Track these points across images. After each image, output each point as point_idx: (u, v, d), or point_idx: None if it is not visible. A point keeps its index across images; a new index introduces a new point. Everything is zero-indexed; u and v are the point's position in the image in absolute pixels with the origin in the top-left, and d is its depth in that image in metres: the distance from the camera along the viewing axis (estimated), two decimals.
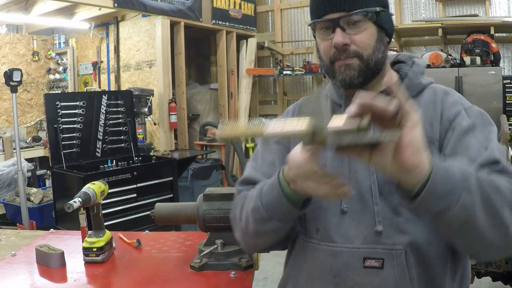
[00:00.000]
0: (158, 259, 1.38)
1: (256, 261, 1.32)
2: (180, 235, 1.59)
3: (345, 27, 0.97)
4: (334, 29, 0.97)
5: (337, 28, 0.96)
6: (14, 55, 6.08)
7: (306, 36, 6.52)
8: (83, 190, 1.31)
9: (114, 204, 3.44)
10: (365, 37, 0.97)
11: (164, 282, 1.21)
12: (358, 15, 0.95)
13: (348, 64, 0.98)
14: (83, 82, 6.22)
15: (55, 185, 3.74)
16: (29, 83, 6.22)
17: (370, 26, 0.97)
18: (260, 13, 6.76)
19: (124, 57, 5.55)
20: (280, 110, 6.73)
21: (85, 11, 5.39)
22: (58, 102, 3.67)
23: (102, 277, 1.26)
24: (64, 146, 3.64)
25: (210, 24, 5.70)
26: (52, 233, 1.65)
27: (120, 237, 1.53)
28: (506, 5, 5.25)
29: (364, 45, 0.97)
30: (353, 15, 0.95)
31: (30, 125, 6.17)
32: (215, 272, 1.24)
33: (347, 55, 0.97)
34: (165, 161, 4.10)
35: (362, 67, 0.98)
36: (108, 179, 3.34)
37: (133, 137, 4.12)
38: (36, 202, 4.16)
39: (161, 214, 1.38)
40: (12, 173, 4.50)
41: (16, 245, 1.51)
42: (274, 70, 6.31)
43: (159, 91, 5.00)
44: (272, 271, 3.46)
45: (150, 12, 4.87)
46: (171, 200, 3.85)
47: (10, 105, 5.30)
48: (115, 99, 4.04)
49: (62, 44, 6.46)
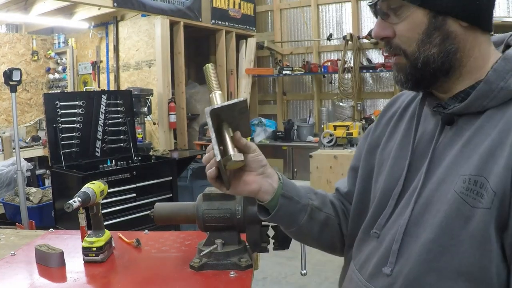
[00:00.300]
0: (157, 258, 1.38)
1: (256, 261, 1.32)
2: (180, 235, 1.59)
3: (389, 14, 0.78)
4: (376, 16, 0.81)
5: (378, 16, 0.80)
6: (14, 55, 6.08)
7: (305, 36, 6.53)
8: (82, 190, 1.31)
9: (114, 203, 3.44)
10: (405, 28, 0.77)
11: (164, 282, 1.21)
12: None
13: (396, 63, 0.81)
14: (83, 81, 6.22)
15: (54, 184, 3.74)
16: (28, 83, 6.22)
17: (415, 12, 0.76)
18: (260, 13, 6.76)
19: (124, 57, 5.55)
20: (279, 110, 6.74)
21: (85, 10, 5.39)
22: (58, 101, 3.66)
23: (102, 276, 1.26)
24: (64, 145, 3.64)
25: (210, 24, 5.70)
26: (52, 232, 1.65)
27: (119, 237, 1.53)
28: (506, 5, 5.26)
29: (405, 39, 0.78)
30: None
31: (29, 124, 6.17)
32: (214, 272, 1.24)
33: (392, 52, 0.81)
34: (165, 161, 4.10)
35: (409, 69, 0.79)
36: (108, 179, 3.34)
37: (133, 137, 4.12)
38: (35, 202, 4.15)
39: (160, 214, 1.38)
40: (11, 173, 4.49)
41: (16, 245, 1.51)
42: (273, 70, 6.32)
43: (158, 91, 5.00)
44: (272, 271, 3.46)
45: (149, 11, 4.87)
46: (171, 199, 3.85)
47: (9, 105, 5.30)
48: (115, 99, 4.04)
49: (61, 43, 6.46)
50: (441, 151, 0.80)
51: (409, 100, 0.96)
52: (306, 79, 6.60)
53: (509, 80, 0.73)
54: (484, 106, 0.75)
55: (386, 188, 0.88)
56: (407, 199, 0.82)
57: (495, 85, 0.74)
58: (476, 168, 0.72)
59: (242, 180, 0.89)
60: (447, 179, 0.75)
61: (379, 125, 1.01)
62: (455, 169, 0.75)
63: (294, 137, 6.21)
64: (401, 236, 0.79)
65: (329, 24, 6.38)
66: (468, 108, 0.77)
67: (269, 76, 6.61)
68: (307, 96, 6.63)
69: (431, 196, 0.77)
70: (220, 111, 0.84)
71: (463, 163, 0.74)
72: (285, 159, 6.21)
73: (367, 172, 0.98)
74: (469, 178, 0.72)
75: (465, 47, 0.77)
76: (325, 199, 1.03)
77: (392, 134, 0.95)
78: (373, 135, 1.01)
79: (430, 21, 0.75)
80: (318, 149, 4.88)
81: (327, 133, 4.97)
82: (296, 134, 6.23)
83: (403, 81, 0.81)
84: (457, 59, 0.77)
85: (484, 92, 0.74)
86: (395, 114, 0.97)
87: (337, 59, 6.08)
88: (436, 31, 0.75)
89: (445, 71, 0.77)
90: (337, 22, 6.29)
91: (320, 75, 6.24)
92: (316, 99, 6.41)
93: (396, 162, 0.88)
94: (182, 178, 4.41)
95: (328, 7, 6.36)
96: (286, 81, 6.73)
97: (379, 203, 0.89)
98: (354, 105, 6.05)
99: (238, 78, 6.24)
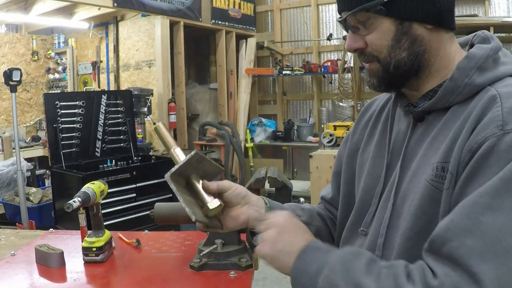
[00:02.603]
0: (157, 259, 1.38)
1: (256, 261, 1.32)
2: (180, 235, 1.59)
3: (358, 27, 0.83)
4: (347, 30, 0.86)
5: (349, 30, 0.85)
6: (14, 55, 6.08)
7: (305, 36, 6.53)
8: (82, 190, 1.31)
9: (114, 203, 3.44)
10: (376, 36, 0.82)
11: (164, 282, 1.21)
12: (360, 13, 0.80)
13: (369, 69, 0.87)
14: (83, 81, 6.22)
15: (54, 184, 3.74)
16: (28, 83, 6.22)
17: (382, 21, 0.80)
18: (260, 13, 6.76)
19: (124, 57, 5.55)
20: (279, 110, 6.74)
21: (85, 10, 5.39)
22: (58, 101, 3.67)
23: (102, 276, 1.26)
24: (64, 145, 3.64)
25: (210, 24, 5.70)
26: (52, 232, 1.65)
27: (119, 237, 1.53)
28: (506, 5, 5.26)
29: (376, 47, 0.83)
30: (356, 13, 0.81)
31: (29, 124, 6.17)
32: (214, 272, 1.24)
33: (365, 59, 0.87)
34: (165, 161, 4.09)
35: (381, 73, 0.85)
36: (108, 179, 3.34)
37: (133, 137, 4.12)
38: (35, 202, 4.15)
39: (160, 214, 1.38)
40: (11, 173, 4.49)
41: (16, 245, 1.51)
42: (273, 70, 6.32)
43: (158, 91, 5.00)
44: (272, 271, 3.45)
45: (149, 11, 4.87)
46: (171, 200, 3.85)
47: (9, 105, 5.30)
48: (115, 99, 4.04)
49: (61, 43, 6.46)
50: (413, 147, 0.86)
51: (383, 103, 1.03)
52: (306, 79, 6.60)
53: (472, 77, 0.79)
54: (450, 102, 0.81)
55: (367, 187, 0.94)
56: (387, 195, 0.87)
57: (460, 81, 0.79)
58: (442, 155, 0.77)
59: (230, 216, 0.98)
60: (419, 170, 0.81)
61: (357, 130, 1.07)
62: (426, 161, 0.81)
63: (294, 137, 6.21)
64: (385, 230, 0.85)
65: (329, 24, 6.38)
66: (436, 105, 0.82)
67: (269, 76, 6.61)
68: (307, 96, 6.63)
69: (406, 188, 0.83)
70: (180, 171, 0.91)
71: (433, 154, 0.80)
72: (285, 159, 6.21)
73: (349, 175, 1.03)
74: (436, 165, 0.77)
75: (431, 47, 0.82)
76: (312, 213, 1.10)
77: (370, 137, 1.00)
78: (352, 139, 1.06)
79: (397, 28, 0.80)
80: (318, 149, 4.88)
81: (327, 133, 4.97)
82: (296, 134, 6.23)
83: (376, 84, 0.86)
84: (425, 59, 0.82)
85: (450, 88, 0.80)
86: (372, 117, 1.03)
87: (337, 59, 6.08)
88: (404, 36, 0.80)
89: (414, 71, 0.83)
90: (337, 22, 6.29)
91: (320, 75, 6.24)
92: (316, 99, 6.41)
93: (376, 162, 0.94)
94: None
95: (328, 7, 6.36)
96: (286, 81, 6.73)
97: (362, 203, 0.94)
98: (354, 105, 6.05)
99: (238, 78, 6.24)
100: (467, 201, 0.68)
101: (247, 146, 6.14)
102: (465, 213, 0.67)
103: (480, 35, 0.87)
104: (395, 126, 0.93)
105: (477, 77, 0.79)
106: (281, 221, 0.86)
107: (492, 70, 0.80)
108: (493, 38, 0.84)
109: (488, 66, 0.80)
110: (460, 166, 0.74)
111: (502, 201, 0.65)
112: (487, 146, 0.70)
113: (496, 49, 0.82)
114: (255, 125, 6.35)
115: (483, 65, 0.79)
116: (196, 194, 0.94)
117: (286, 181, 4.02)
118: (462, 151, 0.74)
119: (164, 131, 0.97)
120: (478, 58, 0.79)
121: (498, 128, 0.70)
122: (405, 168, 0.85)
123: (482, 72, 0.79)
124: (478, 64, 0.79)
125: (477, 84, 0.78)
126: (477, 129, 0.73)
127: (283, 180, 3.89)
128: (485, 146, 0.70)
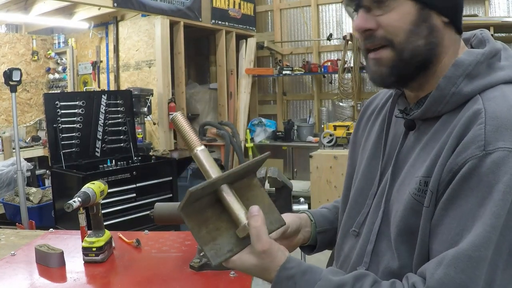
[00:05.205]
0: (157, 259, 1.38)
1: None
2: (180, 235, 1.59)
3: (370, 6, 0.78)
4: (357, 10, 0.81)
5: (360, 9, 0.79)
6: (14, 55, 6.07)
7: (305, 36, 6.53)
8: (82, 190, 1.31)
9: (114, 203, 3.44)
10: (394, 18, 0.76)
11: (164, 282, 1.21)
12: None
13: (377, 58, 0.80)
14: (83, 81, 6.22)
15: (54, 184, 3.73)
16: (28, 83, 6.21)
17: (403, 2, 0.76)
18: (260, 13, 6.76)
19: (124, 57, 5.55)
20: (279, 110, 6.74)
21: (85, 10, 5.39)
22: (58, 101, 3.66)
23: (102, 276, 1.26)
24: (64, 145, 3.64)
25: (210, 24, 5.70)
26: (52, 232, 1.65)
27: (119, 237, 1.53)
28: (506, 5, 5.25)
29: (393, 29, 0.76)
30: None
31: (29, 124, 6.16)
32: (214, 272, 1.24)
33: (374, 43, 0.79)
34: (165, 161, 4.10)
35: (394, 62, 0.78)
36: (108, 179, 3.33)
37: (133, 137, 4.12)
38: (35, 202, 4.15)
39: (160, 214, 1.38)
40: (11, 173, 4.49)
41: (16, 245, 1.51)
42: (273, 70, 6.32)
43: (158, 91, 5.00)
44: None
45: (149, 11, 4.86)
46: (171, 200, 3.85)
47: (9, 105, 5.30)
48: (115, 99, 4.04)
49: (61, 43, 6.45)
50: (404, 155, 0.85)
51: (385, 100, 1.01)
52: (306, 79, 6.60)
53: (460, 85, 0.76)
54: (439, 111, 0.79)
55: (361, 187, 0.94)
56: (378, 200, 0.88)
57: (446, 91, 0.76)
58: (426, 170, 0.76)
59: (288, 242, 0.98)
60: (406, 181, 0.81)
61: (360, 124, 1.06)
62: (412, 172, 0.80)
63: (294, 137, 6.20)
64: (375, 237, 0.85)
65: (329, 24, 6.38)
66: (425, 114, 0.81)
67: (269, 76, 6.60)
68: (307, 96, 6.63)
69: (395, 197, 0.83)
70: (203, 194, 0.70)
71: (419, 166, 0.79)
72: (285, 159, 6.20)
73: (351, 170, 1.03)
74: (419, 179, 0.76)
75: (444, 42, 0.79)
76: None
77: (369, 134, 1.00)
78: (356, 134, 1.07)
79: (419, 12, 0.76)
80: (318, 149, 4.88)
81: (327, 133, 4.97)
82: (296, 134, 6.23)
83: (385, 75, 0.80)
84: (438, 53, 0.79)
85: (436, 98, 0.77)
86: (373, 112, 1.03)
87: (337, 59, 6.08)
88: (423, 23, 0.76)
89: (427, 64, 0.79)
90: (337, 22, 6.29)
91: (320, 75, 6.24)
92: (316, 99, 6.41)
93: (371, 163, 0.94)
94: (182, 178, 4.41)
95: (328, 7, 6.36)
96: (286, 81, 6.73)
97: (355, 202, 0.95)
98: (354, 105, 6.05)
99: (238, 78, 6.24)
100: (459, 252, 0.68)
101: (247, 146, 6.14)
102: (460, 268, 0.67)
103: (478, 36, 0.85)
104: (393, 128, 0.93)
105: (464, 86, 0.76)
106: (247, 266, 0.77)
107: (484, 77, 0.76)
108: (489, 41, 0.81)
109: (479, 73, 0.76)
110: (440, 185, 0.73)
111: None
112: (468, 168, 0.69)
113: (490, 53, 0.78)
114: (255, 125, 6.35)
115: (472, 72, 0.76)
116: (226, 209, 0.73)
117: (286, 181, 4.01)
118: (443, 170, 0.72)
119: (184, 124, 0.77)
120: (466, 65, 0.76)
121: (479, 149, 0.68)
122: (395, 175, 0.85)
123: (470, 80, 0.76)
124: (466, 72, 0.76)
125: (465, 93, 0.75)
126: (458, 148, 0.71)
127: (283, 180, 3.87)
128: (466, 168, 0.69)
